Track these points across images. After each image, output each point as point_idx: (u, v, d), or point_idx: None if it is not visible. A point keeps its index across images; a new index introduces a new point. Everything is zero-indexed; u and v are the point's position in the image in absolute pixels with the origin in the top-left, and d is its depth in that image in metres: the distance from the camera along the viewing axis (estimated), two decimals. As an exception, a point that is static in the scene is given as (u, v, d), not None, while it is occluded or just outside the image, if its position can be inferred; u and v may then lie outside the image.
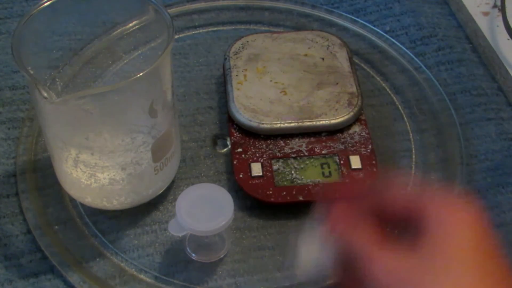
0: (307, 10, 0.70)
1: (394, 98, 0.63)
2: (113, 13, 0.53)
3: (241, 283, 0.52)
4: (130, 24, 0.54)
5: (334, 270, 0.42)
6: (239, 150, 0.57)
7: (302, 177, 0.55)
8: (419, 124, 0.61)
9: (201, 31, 0.68)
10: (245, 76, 0.60)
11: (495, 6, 0.70)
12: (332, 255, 0.41)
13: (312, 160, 0.56)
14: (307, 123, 0.57)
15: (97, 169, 0.50)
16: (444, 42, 0.67)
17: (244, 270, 0.52)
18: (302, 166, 0.56)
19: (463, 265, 0.37)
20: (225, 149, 0.59)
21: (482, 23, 0.68)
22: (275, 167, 0.56)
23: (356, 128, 0.58)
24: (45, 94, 0.44)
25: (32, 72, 0.46)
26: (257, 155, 0.56)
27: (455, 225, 0.38)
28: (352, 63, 0.61)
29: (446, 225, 0.38)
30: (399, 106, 0.63)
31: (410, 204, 0.40)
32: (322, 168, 0.56)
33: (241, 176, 0.55)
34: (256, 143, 0.57)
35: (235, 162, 0.56)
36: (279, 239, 0.54)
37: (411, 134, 0.61)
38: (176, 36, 0.67)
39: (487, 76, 0.65)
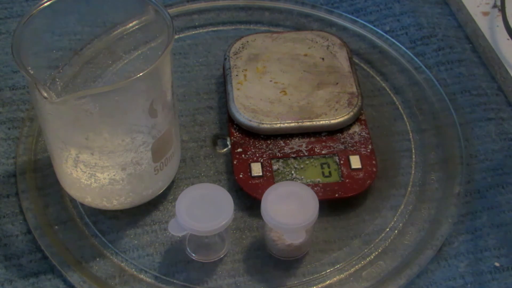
0: (307, 10, 0.70)
1: (394, 98, 0.63)
2: (113, 13, 0.53)
3: (241, 283, 0.52)
4: (130, 24, 0.54)
5: None
6: (239, 150, 0.57)
7: (302, 177, 0.55)
8: (419, 124, 0.61)
9: (201, 31, 0.68)
10: (245, 76, 0.60)
11: (495, 6, 0.70)
12: None
13: (312, 160, 0.56)
14: (307, 123, 0.57)
15: (97, 169, 0.50)
16: (444, 42, 0.67)
17: (244, 270, 0.52)
18: (302, 166, 0.56)
19: None
20: (225, 149, 0.59)
21: (482, 23, 0.68)
22: (275, 167, 0.56)
23: (356, 128, 0.58)
24: (45, 94, 0.44)
25: (32, 72, 0.46)
26: (257, 155, 0.57)
27: None
28: (352, 63, 0.61)
29: None
30: (399, 106, 0.63)
31: None
32: (322, 168, 0.56)
33: (241, 176, 0.55)
34: (256, 143, 0.57)
35: (235, 162, 0.56)
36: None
37: (411, 134, 0.61)
38: (176, 36, 0.67)
39: (487, 76, 0.65)
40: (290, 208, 0.50)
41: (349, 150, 0.57)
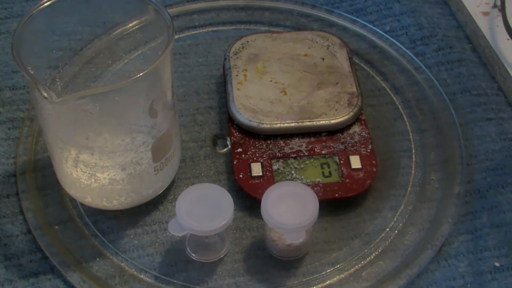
0: (307, 10, 0.70)
1: (394, 98, 0.63)
2: (113, 13, 0.53)
3: (241, 283, 0.52)
4: (130, 24, 0.54)
5: None
6: (239, 150, 0.57)
7: (302, 177, 0.55)
8: (419, 124, 0.61)
9: (201, 31, 0.68)
10: (245, 76, 0.60)
11: (495, 6, 0.70)
12: None
13: (312, 160, 0.56)
14: (307, 123, 0.57)
15: (97, 169, 0.50)
16: (444, 42, 0.67)
17: (244, 270, 0.52)
18: (302, 166, 0.56)
19: None
20: (225, 149, 0.59)
21: (482, 23, 0.68)
22: (275, 167, 0.56)
23: (356, 128, 0.58)
24: (45, 94, 0.44)
25: (32, 72, 0.46)
26: (257, 155, 0.57)
27: None
28: (352, 63, 0.61)
29: None
30: (399, 106, 0.63)
31: None
32: (322, 168, 0.56)
33: (241, 176, 0.55)
34: (256, 143, 0.57)
35: (235, 162, 0.56)
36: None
37: (411, 134, 0.61)
38: (176, 36, 0.67)
39: (487, 76, 0.65)
40: (290, 208, 0.50)
41: (349, 150, 0.57)
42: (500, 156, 0.59)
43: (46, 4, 0.49)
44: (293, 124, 0.57)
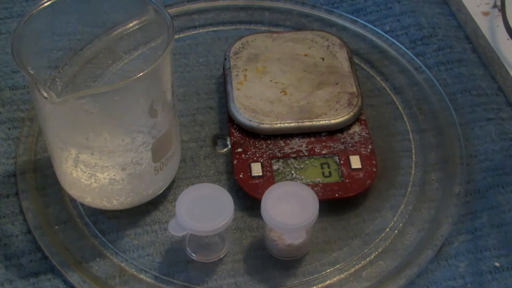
0: (307, 10, 0.70)
1: (394, 98, 0.63)
2: (113, 13, 0.53)
3: (241, 283, 0.52)
4: (130, 24, 0.54)
5: None
6: (239, 150, 0.57)
7: (302, 177, 0.55)
8: (419, 124, 0.61)
9: (201, 31, 0.68)
10: (245, 76, 0.60)
11: (495, 6, 0.70)
12: None
13: (312, 160, 0.56)
14: (307, 123, 0.57)
15: (97, 169, 0.50)
16: (444, 42, 0.67)
17: (244, 270, 0.52)
18: (302, 166, 0.56)
19: None
20: (225, 149, 0.59)
21: (482, 23, 0.68)
22: (275, 167, 0.56)
23: (356, 128, 0.58)
24: (45, 94, 0.44)
25: (32, 72, 0.46)
26: (257, 155, 0.57)
27: None
28: (352, 63, 0.61)
29: None
30: (399, 106, 0.63)
31: None
32: (322, 168, 0.56)
33: (241, 176, 0.55)
34: (256, 143, 0.57)
35: (235, 162, 0.56)
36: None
37: (411, 134, 0.61)
38: (176, 36, 0.67)
39: (487, 76, 0.65)
40: (290, 208, 0.50)
41: (349, 150, 0.57)
42: (500, 156, 0.59)
43: (46, 4, 0.49)
44: (293, 124, 0.57)
